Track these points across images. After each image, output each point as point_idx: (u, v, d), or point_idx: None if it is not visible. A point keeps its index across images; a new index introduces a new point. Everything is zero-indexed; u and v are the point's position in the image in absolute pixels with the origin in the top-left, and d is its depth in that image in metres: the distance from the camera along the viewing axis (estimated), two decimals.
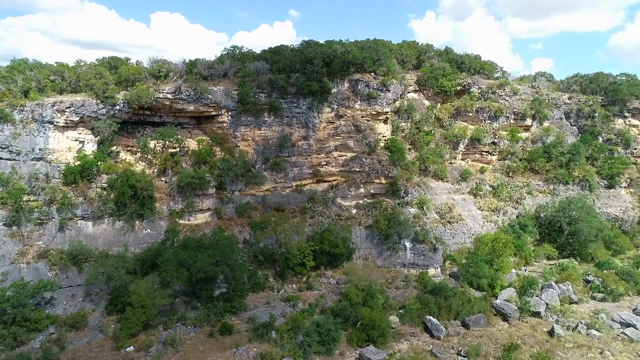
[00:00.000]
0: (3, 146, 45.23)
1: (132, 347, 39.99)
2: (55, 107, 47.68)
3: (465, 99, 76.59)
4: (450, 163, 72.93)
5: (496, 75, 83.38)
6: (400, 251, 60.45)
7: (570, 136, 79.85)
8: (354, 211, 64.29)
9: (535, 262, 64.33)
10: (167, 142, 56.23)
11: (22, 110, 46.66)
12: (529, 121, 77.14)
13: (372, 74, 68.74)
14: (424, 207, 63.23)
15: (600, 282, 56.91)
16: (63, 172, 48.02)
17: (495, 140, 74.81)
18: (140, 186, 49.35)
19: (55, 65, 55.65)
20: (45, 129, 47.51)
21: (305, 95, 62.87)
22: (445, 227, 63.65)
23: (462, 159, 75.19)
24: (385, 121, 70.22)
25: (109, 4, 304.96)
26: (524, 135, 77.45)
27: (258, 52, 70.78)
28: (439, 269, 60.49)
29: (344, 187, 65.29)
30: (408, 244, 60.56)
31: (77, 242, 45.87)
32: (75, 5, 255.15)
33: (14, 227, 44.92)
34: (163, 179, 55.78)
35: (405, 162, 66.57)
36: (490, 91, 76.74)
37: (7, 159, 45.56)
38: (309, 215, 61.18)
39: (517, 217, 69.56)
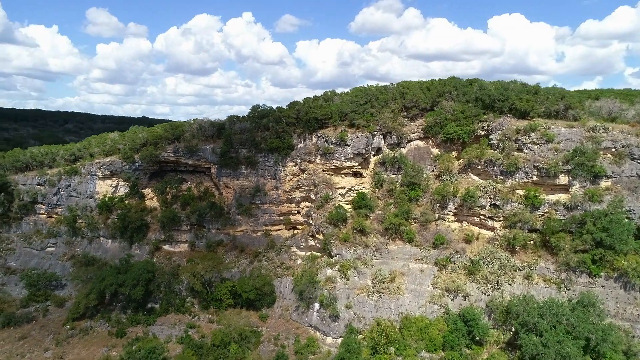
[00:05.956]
0: (73, 189, 76.93)
1: (68, 326, 62.90)
2: (96, 166, 76.13)
3: (474, 148, 63.07)
4: (437, 224, 62.55)
5: (543, 111, 62.52)
6: (310, 311, 60.07)
7: None
8: (299, 261, 66.91)
9: None
10: (169, 188, 76.54)
11: (84, 167, 77.21)
12: (562, 179, 55.94)
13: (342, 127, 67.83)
14: (349, 272, 59.51)
15: None
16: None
17: (497, 203, 58.61)
18: (130, 220, 71.86)
19: (126, 134, 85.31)
20: (94, 179, 76.64)
21: (273, 151, 70.12)
22: (369, 297, 57.85)
23: (456, 221, 62.74)
24: (356, 175, 67.73)
25: (450, 16, 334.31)
26: (557, 198, 56.67)
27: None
28: (339, 340, 56.51)
29: (298, 238, 68.49)
30: (317, 306, 59.44)
31: (86, 252, 72.55)
32: (419, 22, 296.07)
33: (74, 238, 75.86)
34: None
35: (358, 221, 63.29)
36: (512, 138, 60.10)
37: (75, 197, 77.10)
38: (257, 259, 68.62)
39: (487, 305, 54.05)
